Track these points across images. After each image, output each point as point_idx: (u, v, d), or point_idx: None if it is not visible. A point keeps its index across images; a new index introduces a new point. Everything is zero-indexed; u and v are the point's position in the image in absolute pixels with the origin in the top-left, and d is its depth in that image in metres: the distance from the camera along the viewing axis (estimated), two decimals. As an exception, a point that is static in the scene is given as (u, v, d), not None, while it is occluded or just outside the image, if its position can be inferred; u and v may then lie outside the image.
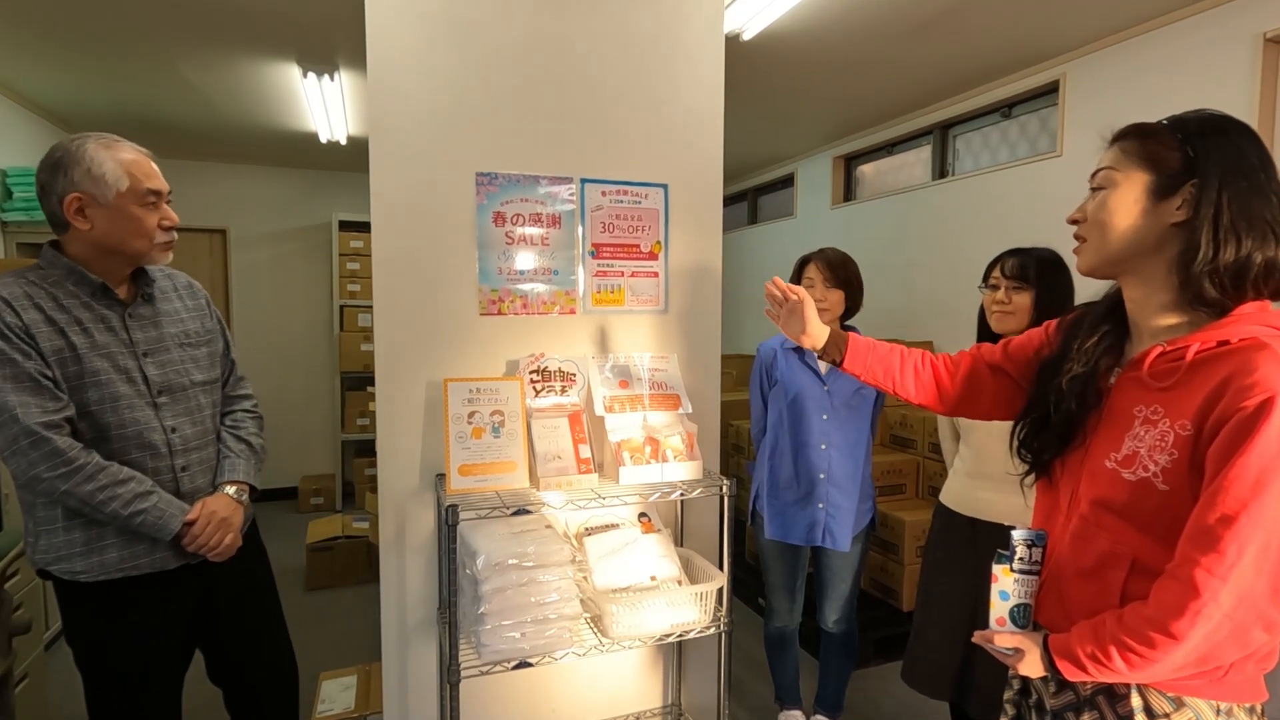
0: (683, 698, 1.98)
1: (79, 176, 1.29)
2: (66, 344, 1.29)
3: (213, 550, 1.39)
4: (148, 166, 1.38)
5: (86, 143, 1.31)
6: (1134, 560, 0.86)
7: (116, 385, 1.32)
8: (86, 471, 1.26)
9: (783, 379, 2.06)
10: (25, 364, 1.23)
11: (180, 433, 1.41)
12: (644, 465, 1.65)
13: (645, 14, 1.83)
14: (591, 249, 1.83)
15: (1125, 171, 0.91)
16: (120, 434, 1.33)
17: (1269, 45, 2.28)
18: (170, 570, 1.39)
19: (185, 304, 1.51)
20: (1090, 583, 0.90)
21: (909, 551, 2.79)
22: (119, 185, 1.31)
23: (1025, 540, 0.96)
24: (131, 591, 1.35)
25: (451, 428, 1.58)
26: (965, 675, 1.72)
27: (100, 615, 1.35)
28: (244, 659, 1.58)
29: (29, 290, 1.29)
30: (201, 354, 1.50)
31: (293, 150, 4.58)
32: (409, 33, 1.64)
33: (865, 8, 2.53)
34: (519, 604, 1.48)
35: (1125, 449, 0.87)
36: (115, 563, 1.33)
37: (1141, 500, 0.85)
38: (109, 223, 1.32)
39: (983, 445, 1.73)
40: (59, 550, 1.32)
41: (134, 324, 1.39)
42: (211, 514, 1.39)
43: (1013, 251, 1.71)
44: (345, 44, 2.83)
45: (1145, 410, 0.87)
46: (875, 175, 4.35)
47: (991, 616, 0.99)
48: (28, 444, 1.23)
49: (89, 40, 2.80)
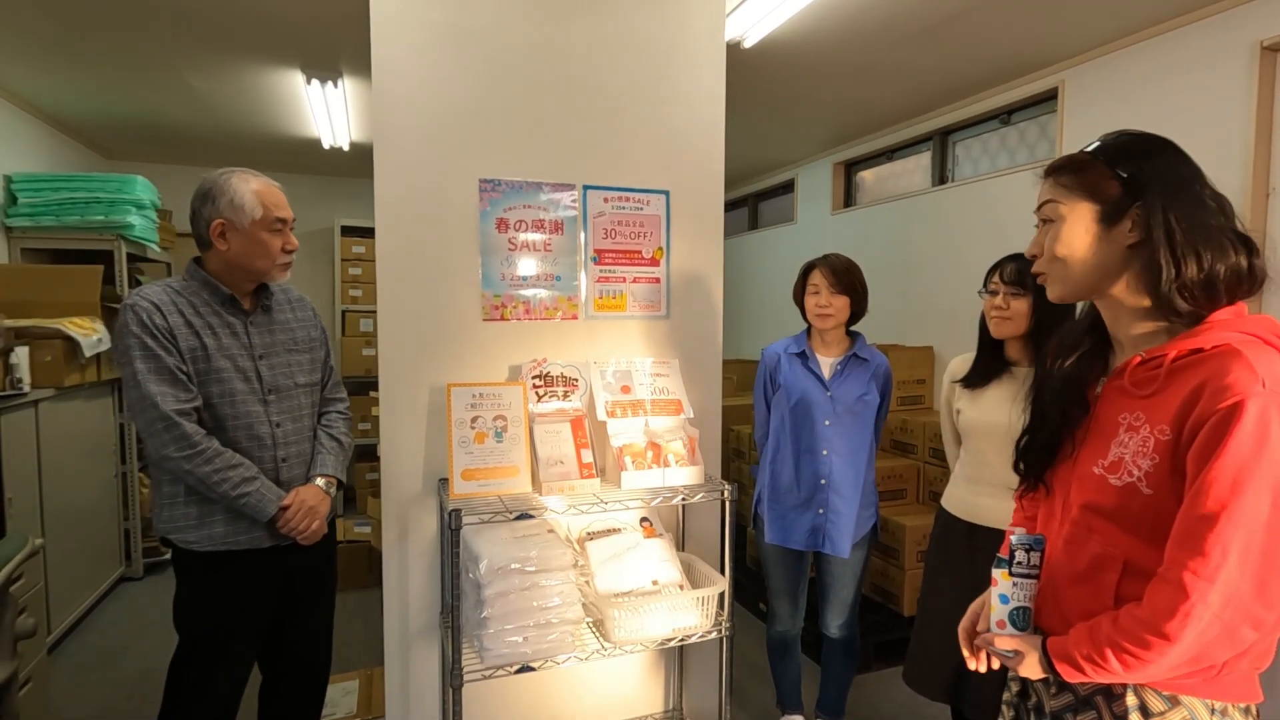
0: (684, 702, 1.98)
1: (223, 205, 1.51)
2: (200, 344, 1.50)
3: (301, 534, 1.55)
4: (278, 196, 1.58)
5: (232, 177, 1.53)
6: (1125, 562, 0.88)
7: (235, 383, 1.53)
8: (206, 455, 1.45)
9: (786, 383, 2.07)
10: (167, 359, 1.45)
11: (283, 428, 1.59)
12: (646, 470, 1.66)
13: (648, 22, 1.84)
14: (594, 255, 1.84)
15: (1069, 204, 0.93)
16: (234, 424, 1.53)
17: (1266, 53, 2.29)
18: (264, 549, 1.55)
19: (296, 315, 1.71)
20: (1084, 586, 0.92)
21: (909, 556, 2.79)
22: (255, 214, 1.52)
23: (1023, 545, 0.98)
24: (231, 563, 1.53)
25: (454, 432, 1.59)
26: (963, 678, 1.73)
27: (202, 581, 1.54)
28: (295, 647, 1.69)
29: (174, 298, 1.51)
30: (305, 359, 1.68)
31: (295, 156, 4.60)
32: (413, 40, 1.66)
33: (865, 15, 2.55)
34: (521, 608, 1.48)
35: (1111, 455, 0.90)
36: (221, 536, 1.52)
37: (1128, 504, 0.87)
38: (243, 245, 1.53)
39: (981, 452, 1.74)
40: (177, 522, 1.51)
41: (254, 330, 1.59)
42: (302, 502, 1.56)
43: (1012, 257, 1.72)
44: (348, 50, 2.84)
45: (1129, 417, 0.89)
46: (875, 181, 4.36)
47: (991, 620, 1.00)
48: (162, 427, 1.43)
49: (94, 47, 2.82)
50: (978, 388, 1.76)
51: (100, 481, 3.26)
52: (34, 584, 2.23)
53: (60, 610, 2.83)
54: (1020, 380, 1.71)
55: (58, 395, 2.85)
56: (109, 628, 3.01)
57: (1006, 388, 1.72)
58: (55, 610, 2.77)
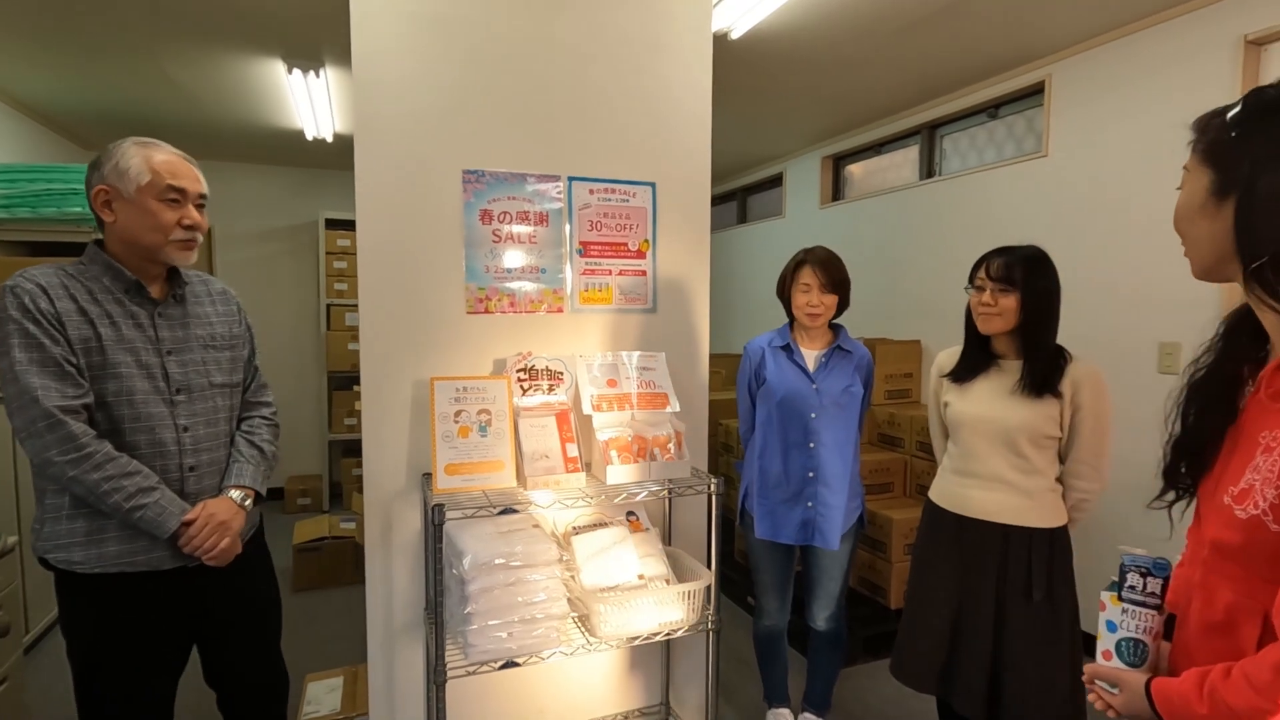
0: (671, 697, 1.98)
1: (108, 170, 1.34)
2: (94, 334, 1.32)
3: (208, 553, 1.38)
4: (177, 166, 1.40)
5: (123, 142, 1.36)
6: (1266, 615, 0.73)
7: (135, 380, 1.35)
8: (95, 460, 1.28)
9: (771, 378, 2.06)
10: (53, 349, 1.27)
11: (192, 433, 1.43)
12: (632, 464, 1.64)
13: (634, 11, 1.82)
14: (579, 247, 1.82)
15: (1193, 168, 0.81)
16: (133, 427, 1.35)
17: (1250, 47, 2.30)
18: (166, 570, 1.38)
19: (217, 309, 1.54)
20: (1220, 638, 0.78)
21: (897, 549, 2.80)
22: (140, 179, 1.34)
23: (1137, 567, 0.86)
24: (126, 587, 1.35)
25: (438, 427, 1.57)
26: (951, 670, 1.73)
27: (94, 607, 1.36)
28: (232, 667, 1.58)
29: (65, 281, 1.33)
30: (224, 357, 1.52)
31: (278, 148, 4.54)
32: (394, 29, 1.63)
33: (853, 7, 2.54)
34: (506, 604, 1.47)
35: (1243, 482, 0.75)
36: (113, 556, 1.34)
37: (1256, 543, 0.73)
38: (129, 216, 1.35)
39: (971, 444, 1.74)
40: (60, 539, 1.33)
41: (162, 322, 1.42)
42: (210, 516, 1.39)
43: (998, 251, 1.71)
44: (330, 40, 2.80)
45: (1267, 436, 0.74)
46: (864, 175, 4.36)
47: (1098, 649, 0.89)
48: (44, 426, 1.25)
49: (70, 35, 2.76)
50: (966, 382, 1.76)
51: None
52: (9, 582, 2.20)
53: (38, 610, 2.78)
54: (1009, 374, 1.71)
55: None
56: (89, 626, 2.97)
57: (995, 381, 1.72)
58: (32, 610, 2.73)
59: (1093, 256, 2.79)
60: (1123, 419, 2.15)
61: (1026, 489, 1.67)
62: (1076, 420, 1.66)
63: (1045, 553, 1.65)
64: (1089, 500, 1.69)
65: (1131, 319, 2.65)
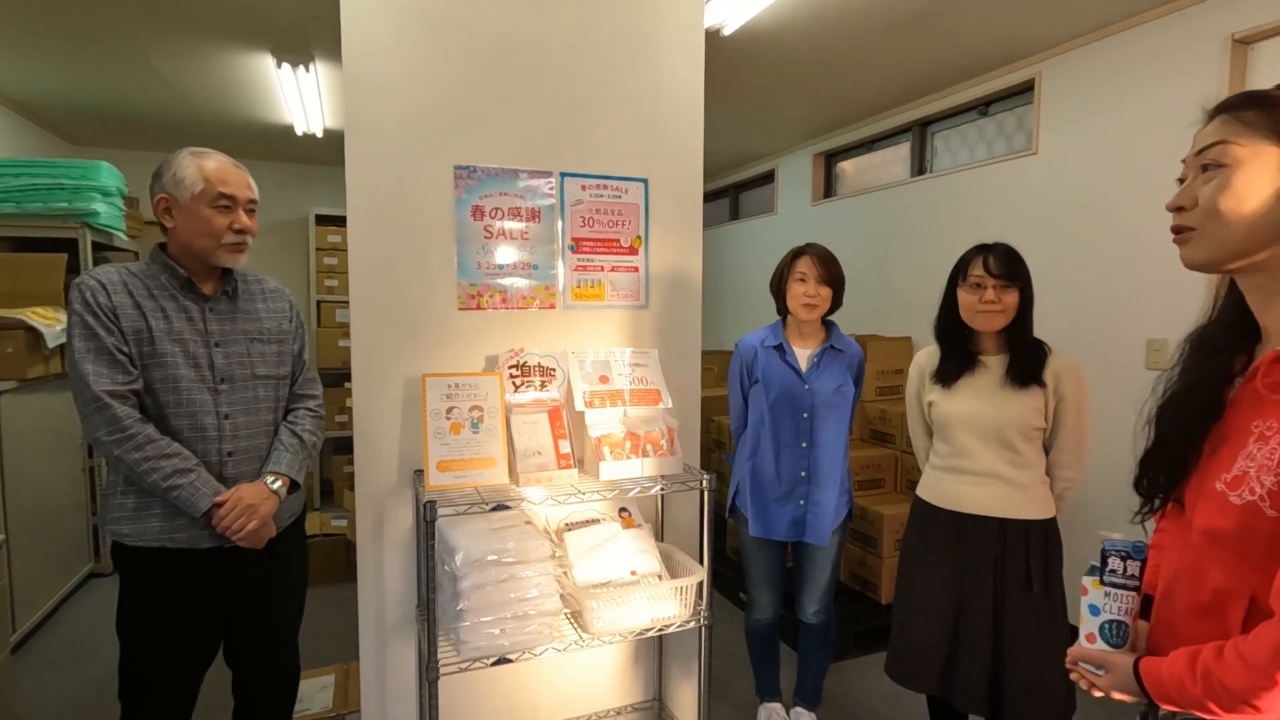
0: (663, 692, 1.99)
1: (166, 180, 1.48)
2: (146, 326, 1.45)
3: (236, 534, 1.46)
4: (227, 173, 1.51)
5: (181, 152, 1.49)
6: (1253, 598, 0.75)
7: (181, 368, 1.47)
8: (136, 440, 1.39)
9: (764, 378, 2.06)
10: (106, 339, 1.40)
11: (233, 420, 1.52)
12: (624, 460, 1.65)
13: (626, 6, 1.82)
14: (571, 243, 1.82)
15: (1251, 146, 0.77)
16: (176, 412, 1.47)
17: (1236, 46, 2.32)
18: (204, 549, 1.48)
19: (268, 305, 1.64)
20: (1208, 621, 0.80)
21: (887, 545, 2.81)
22: (194, 188, 1.47)
23: (1118, 551, 0.88)
24: (166, 563, 1.46)
25: (430, 424, 1.57)
26: (950, 669, 1.73)
27: (137, 579, 1.48)
28: (253, 648, 1.64)
29: (125, 278, 1.47)
30: (270, 350, 1.60)
31: (268, 143, 4.50)
32: (385, 24, 1.62)
33: (845, 4, 2.55)
34: (498, 600, 1.47)
35: (1236, 469, 0.77)
36: (155, 532, 1.45)
37: (1250, 528, 0.75)
38: (185, 222, 1.48)
39: (963, 442, 1.73)
40: (114, 512, 1.46)
41: (212, 316, 1.53)
42: (240, 499, 1.47)
43: (986, 248, 1.70)
44: (320, 34, 2.78)
45: (1261, 425, 0.76)
46: (855, 172, 4.37)
47: (1080, 632, 0.91)
48: (94, 408, 1.38)
49: (55, 28, 2.73)
50: (951, 382, 1.76)
51: (66, 475, 3.18)
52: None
53: (25, 608, 2.76)
54: (993, 370, 1.71)
55: (20, 387, 2.77)
56: (77, 625, 2.95)
57: (980, 379, 1.72)
58: (20, 608, 2.70)
59: (1082, 253, 2.81)
60: (1111, 415, 2.17)
61: (1020, 482, 1.68)
62: (1060, 411, 1.68)
63: (1041, 544, 1.66)
64: (1071, 489, 1.72)
65: (1120, 316, 2.67)
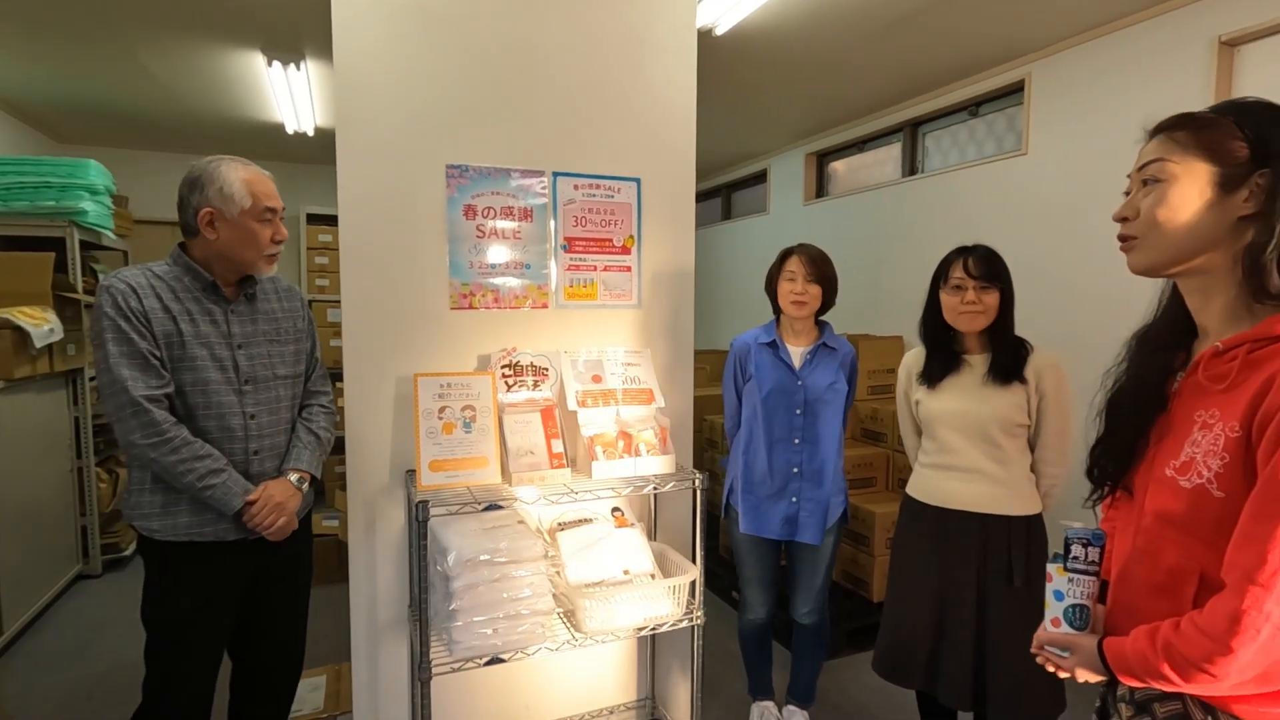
0: (656, 691, 1.99)
1: (212, 194, 1.49)
2: (176, 330, 1.47)
3: (267, 529, 1.52)
4: (268, 186, 1.55)
5: (221, 164, 1.51)
6: (1202, 574, 0.81)
7: (209, 371, 1.50)
8: (173, 444, 1.42)
9: (757, 373, 2.07)
10: (140, 344, 1.43)
11: (258, 420, 1.55)
12: (617, 460, 1.65)
13: (618, 6, 1.82)
14: (564, 243, 1.82)
15: (1184, 163, 0.84)
16: (205, 414, 1.50)
17: (1223, 48, 2.35)
18: (229, 541, 1.52)
19: (282, 305, 1.66)
20: (1164, 598, 0.85)
21: (879, 543, 2.82)
22: (244, 203, 1.49)
23: (1080, 538, 0.93)
24: (194, 555, 1.50)
25: (422, 423, 1.57)
26: (934, 664, 1.75)
27: (166, 572, 1.52)
28: (259, 641, 1.67)
29: (152, 281, 1.48)
30: (288, 350, 1.64)
31: (258, 142, 4.48)
32: (377, 22, 1.61)
33: (837, 4, 2.55)
34: (491, 600, 1.47)
35: (1183, 455, 0.83)
36: (184, 527, 1.49)
37: (1199, 509, 0.81)
38: (231, 234, 1.50)
39: (947, 438, 1.76)
40: (142, 509, 1.49)
41: (234, 319, 1.55)
42: (269, 497, 1.52)
43: (968, 250, 1.74)
44: (311, 32, 2.77)
45: (1204, 414, 0.83)
46: (847, 172, 4.39)
47: (1046, 617, 0.96)
48: (130, 413, 1.40)
49: (42, 25, 2.70)
50: (936, 381, 1.78)
51: (55, 476, 3.16)
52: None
53: (13, 610, 2.73)
54: (976, 368, 1.74)
55: (7, 388, 2.75)
56: (66, 627, 2.92)
57: (964, 377, 1.75)
58: (8, 611, 2.68)
59: (1071, 253, 2.83)
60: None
61: (1003, 478, 1.70)
62: (1042, 407, 1.70)
63: (1023, 540, 1.68)
64: (1057, 485, 1.75)
65: (1108, 314, 2.69)
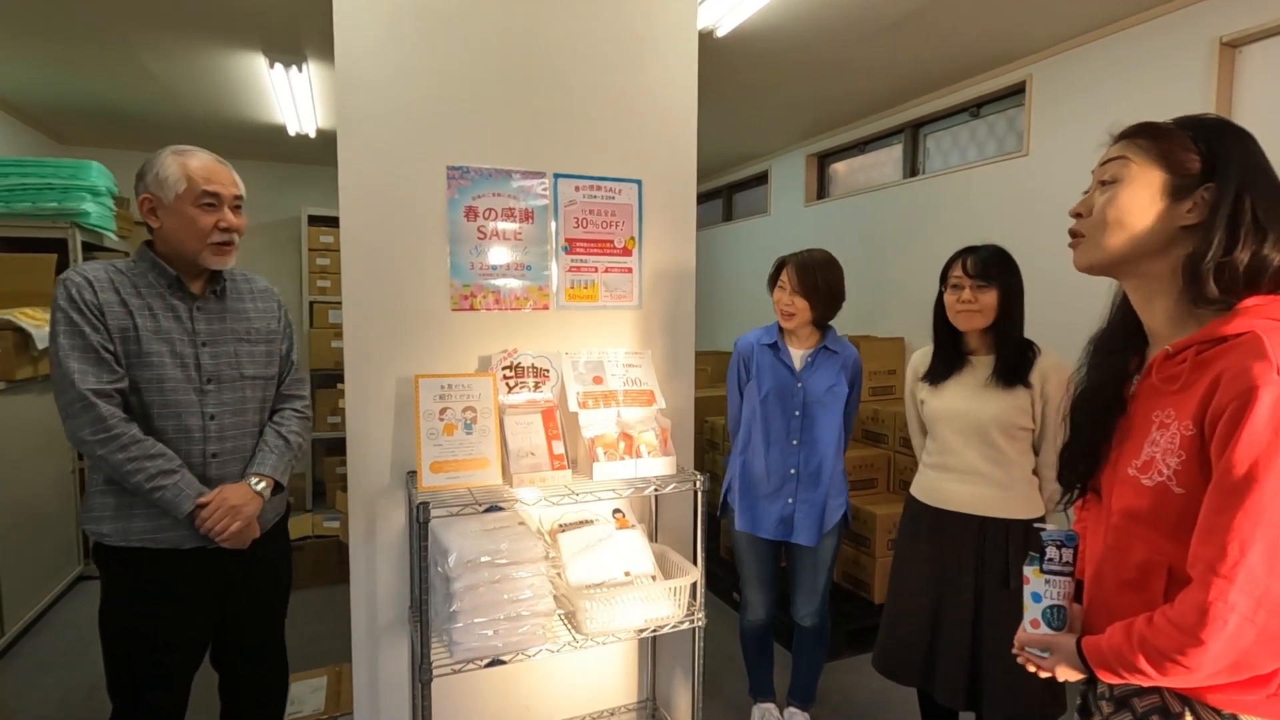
0: (657, 693, 1.99)
1: (150, 180, 1.45)
2: (132, 325, 1.42)
3: (219, 535, 1.44)
4: (211, 170, 1.48)
5: (164, 152, 1.46)
6: (1170, 568, 0.84)
7: (168, 369, 1.44)
8: (121, 441, 1.36)
9: (757, 373, 2.08)
10: (92, 336, 1.37)
11: (219, 421, 1.49)
12: (618, 461, 1.65)
13: (619, 7, 1.82)
14: (565, 244, 1.82)
15: (1141, 166, 0.88)
16: (161, 413, 1.44)
17: (1224, 49, 2.34)
18: (187, 549, 1.45)
19: (257, 305, 1.61)
20: (1135, 594, 0.88)
21: (880, 545, 2.82)
22: (178, 188, 1.44)
23: (1055, 541, 0.95)
24: (150, 563, 1.44)
25: (423, 425, 1.56)
26: (932, 662, 1.75)
27: (119, 579, 1.46)
28: (240, 650, 1.63)
29: (112, 275, 1.44)
30: (259, 351, 1.58)
31: (260, 143, 4.48)
32: (378, 23, 1.62)
33: (838, 6, 2.56)
34: (492, 601, 1.46)
35: (1144, 455, 0.86)
36: (139, 532, 1.42)
37: (1161, 505, 0.84)
38: (170, 221, 1.45)
39: (947, 439, 1.76)
40: (95, 511, 1.43)
41: (200, 316, 1.50)
42: (223, 500, 1.45)
43: (970, 250, 1.74)
44: (313, 33, 2.77)
45: (1160, 414, 0.86)
46: (848, 173, 4.39)
47: (1025, 619, 0.97)
48: (79, 407, 1.35)
49: (43, 26, 2.71)
50: (940, 380, 1.78)
51: (55, 477, 3.16)
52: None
53: (14, 611, 2.74)
54: (981, 369, 1.73)
55: (8, 388, 2.75)
56: (66, 628, 2.92)
57: (968, 377, 1.75)
58: (9, 611, 2.68)
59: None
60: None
61: (1001, 481, 1.70)
62: (1046, 412, 1.70)
63: (1021, 543, 1.68)
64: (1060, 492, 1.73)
65: (1110, 316, 2.68)
